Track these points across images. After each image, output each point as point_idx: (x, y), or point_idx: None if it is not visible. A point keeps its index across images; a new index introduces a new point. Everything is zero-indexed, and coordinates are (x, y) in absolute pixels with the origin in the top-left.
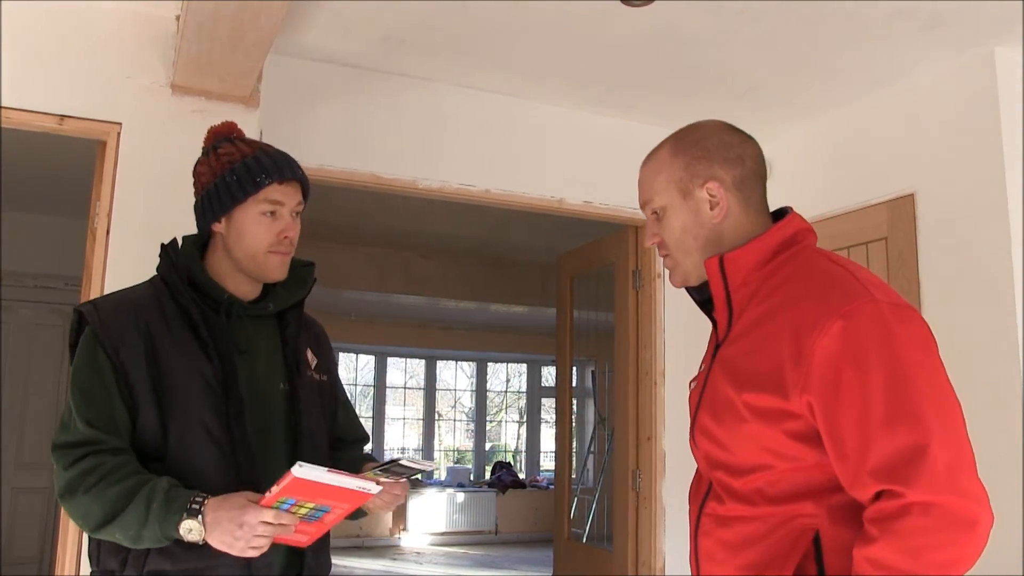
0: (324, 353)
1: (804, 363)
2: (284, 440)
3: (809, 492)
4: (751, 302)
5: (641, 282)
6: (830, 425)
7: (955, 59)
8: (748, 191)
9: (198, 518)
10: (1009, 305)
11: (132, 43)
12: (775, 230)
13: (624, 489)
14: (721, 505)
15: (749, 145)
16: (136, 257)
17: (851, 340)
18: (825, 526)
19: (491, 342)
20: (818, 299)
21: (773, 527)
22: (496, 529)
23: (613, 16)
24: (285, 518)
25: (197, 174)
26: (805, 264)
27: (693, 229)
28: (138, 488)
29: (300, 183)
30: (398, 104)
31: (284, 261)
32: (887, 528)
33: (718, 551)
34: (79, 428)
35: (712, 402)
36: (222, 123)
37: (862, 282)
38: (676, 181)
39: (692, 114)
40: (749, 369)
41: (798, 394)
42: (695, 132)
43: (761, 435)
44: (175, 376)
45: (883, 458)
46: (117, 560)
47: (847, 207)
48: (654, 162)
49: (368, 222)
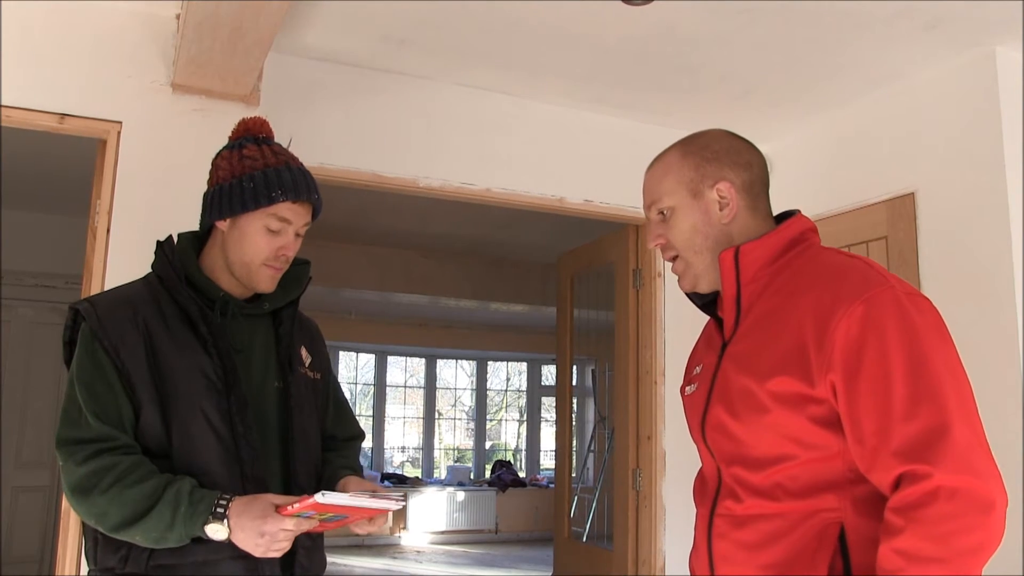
0: (318, 350)
1: (827, 346)
2: (277, 439)
3: (831, 484)
4: (760, 298)
5: (641, 281)
6: (850, 406)
7: (955, 59)
8: (755, 196)
9: (224, 521)
10: (1009, 305)
11: (132, 42)
12: (786, 226)
13: (624, 488)
14: (738, 504)
15: (755, 153)
16: (136, 256)
17: (872, 324)
18: (850, 519)
19: (491, 341)
20: (837, 285)
21: (795, 523)
22: (496, 528)
23: (613, 15)
24: (305, 524)
25: (216, 166)
26: (817, 257)
27: (703, 229)
28: (160, 490)
29: (312, 206)
30: (398, 103)
31: (275, 276)
32: (913, 517)
33: (736, 553)
34: (90, 423)
35: (726, 397)
36: (253, 118)
37: (877, 270)
38: (686, 182)
39: (692, 113)
40: (769, 357)
41: (823, 376)
42: (703, 137)
43: (784, 423)
44: (176, 374)
45: (907, 438)
46: (116, 557)
47: (847, 206)
48: (662, 164)
49: (368, 221)
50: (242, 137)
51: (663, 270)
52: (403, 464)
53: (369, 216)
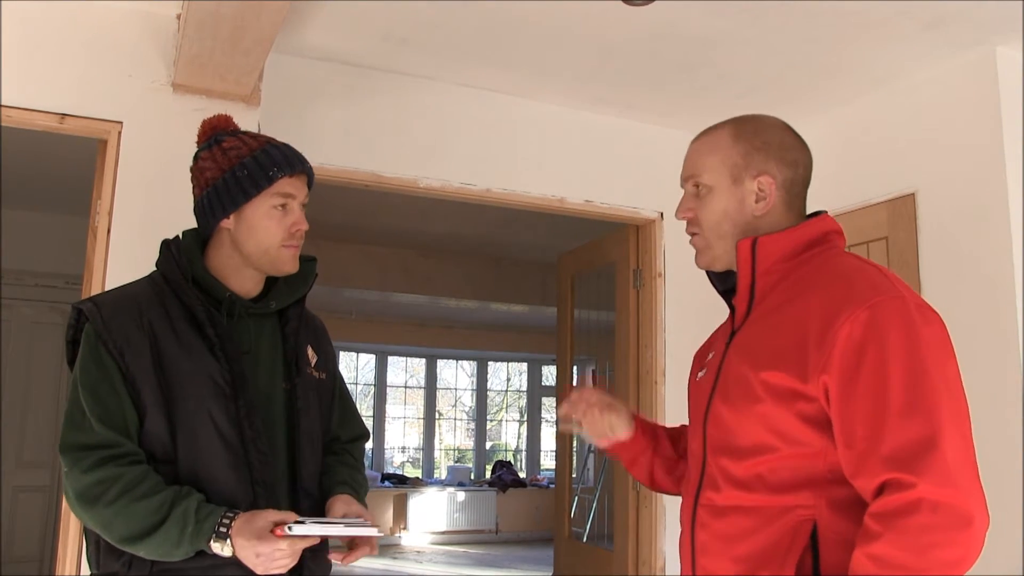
0: (323, 349)
1: (827, 346)
2: (284, 441)
3: (809, 482)
4: (773, 291)
5: (641, 281)
6: (843, 409)
7: (956, 59)
8: (793, 195)
9: (227, 540)
10: (1009, 305)
11: (133, 42)
12: (808, 225)
13: (624, 488)
14: (717, 493)
15: (805, 152)
16: (137, 255)
17: (876, 330)
18: (824, 518)
19: (492, 341)
20: (846, 287)
21: (771, 518)
22: (496, 528)
23: (614, 15)
24: (300, 544)
25: (199, 169)
26: (834, 259)
27: (734, 216)
28: (167, 507)
29: (307, 175)
30: (399, 103)
31: (295, 255)
32: (892, 525)
33: (712, 543)
34: (94, 428)
35: (725, 386)
36: (216, 116)
37: (890, 279)
38: (730, 166)
39: (693, 113)
40: (769, 348)
41: (816, 375)
42: (758, 123)
43: (772, 415)
44: (182, 378)
45: (897, 446)
46: (120, 562)
47: (847, 206)
48: (710, 139)
49: (369, 221)
50: (212, 135)
51: (663, 270)
52: (403, 464)
53: (369, 216)
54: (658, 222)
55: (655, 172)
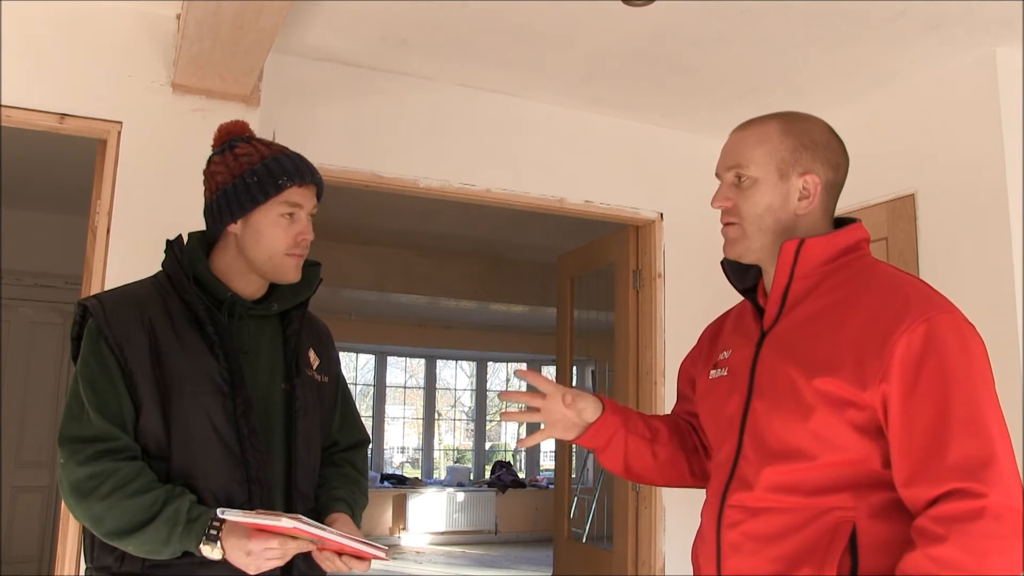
0: (326, 353)
1: (886, 356)
2: (282, 441)
3: (850, 486)
4: (811, 294)
5: (641, 282)
6: (902, 419)
7: (956, 59)
8: (831, 198)
9: (217, 543)
10: (1009, 305)
11: (133, 42)
12: (849, 230)
13: (624, 489)
14: (750, 493)
15: (845, 156)
16: (137, 255)
17: (935, 343)
18: (863, 520)
19: (491, 342)
20: (902, 300)
21: (810, 518)
22: (496, 529)
23: (614, 16)
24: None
25: (211, 173)
26: (875, 266)
27: (777, 212)
28: (159, 505)
29: (316, 186)
30: (399, 103)
31: (299, 264)
32: (958, 528)
33: (746, 542)
34: (92, 420)
35: (769, 390)
36: (233, 122)
37: (939, 294)
38: (778, 160)
39: (693, 114)
40: (820, 355)
41: (876, 384)
42: (806, 122)
43: (821, 422)
44: (180, 374)
45: (964, 456)
46: (113, 556)
47: (847, 206)
48: (757, 131)
49: (368, 221)
50: (227, 140)
51: (663, 271)
52: (403, 465)
53: (369, 216)
54: (658, 223)
55: (655, 172)
